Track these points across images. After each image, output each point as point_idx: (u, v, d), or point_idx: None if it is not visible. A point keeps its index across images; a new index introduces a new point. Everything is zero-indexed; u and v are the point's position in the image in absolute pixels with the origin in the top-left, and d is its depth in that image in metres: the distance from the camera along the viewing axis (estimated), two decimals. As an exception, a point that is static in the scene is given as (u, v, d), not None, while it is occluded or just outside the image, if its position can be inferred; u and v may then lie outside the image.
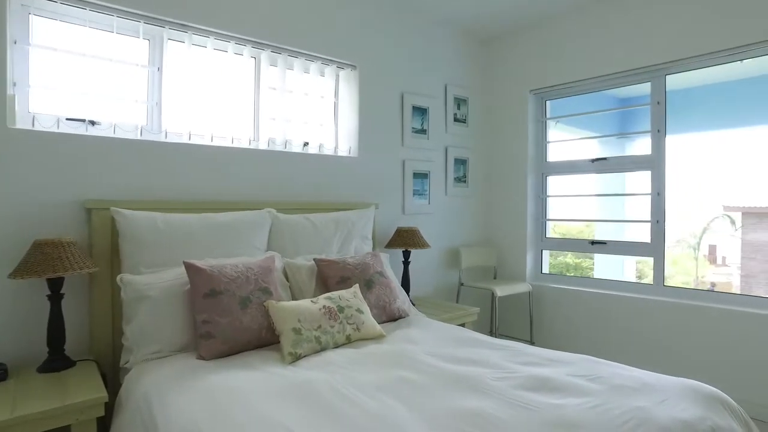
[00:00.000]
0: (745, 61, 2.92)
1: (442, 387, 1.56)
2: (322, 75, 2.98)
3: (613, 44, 3.25)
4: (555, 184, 3.89)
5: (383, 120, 3.30)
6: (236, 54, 2.59)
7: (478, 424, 1.28)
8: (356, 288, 2.33)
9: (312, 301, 2.14)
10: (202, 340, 1.88)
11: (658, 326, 3.03)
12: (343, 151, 3.10)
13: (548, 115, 3.86)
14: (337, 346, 2.05)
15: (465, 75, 3.90)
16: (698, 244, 7.75)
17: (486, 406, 1.37)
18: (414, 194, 3.51)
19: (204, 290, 1.94)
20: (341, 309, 2.14)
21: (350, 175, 3.10)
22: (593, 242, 3.55)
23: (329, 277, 2.40)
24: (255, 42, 2.64)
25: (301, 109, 2.85)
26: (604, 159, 3.48)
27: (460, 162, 3.84)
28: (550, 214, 3.92)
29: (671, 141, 3.24)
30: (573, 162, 3.69)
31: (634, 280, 6.47)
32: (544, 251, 3.88)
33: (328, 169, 2.98)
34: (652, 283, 3.21)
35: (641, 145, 4.73)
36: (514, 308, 3.79)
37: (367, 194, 3.20)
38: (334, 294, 2.22)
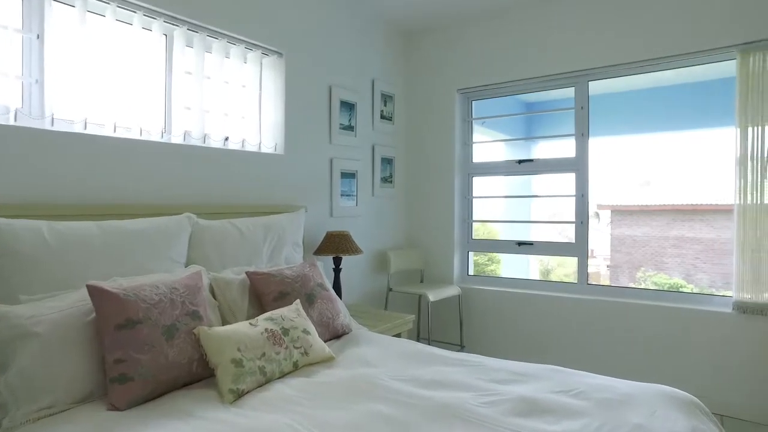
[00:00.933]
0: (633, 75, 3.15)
1: (428, 421, 1.36)
2: (245, 62, 2.62)
3: (540, 48, 3.31)
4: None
5: (311, 114, 3.01)
6: (145, 29, 2.14)
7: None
8: (298, 304, 2.04)
9: (251, 323, 1.81)
10: (116, 384, 1.47)
11: (583, 322, 3.14)
12: (268, 148, 2.76)
13: (473, 116, 3.85)
14: (282, 375, 1.76)
15: (392, 71, 3.74)
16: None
17: None
18: (341, 195, 3.27)
19: (117, 320, 1.53)
20: (286, 331, 1.84)
21: (276, 175, 2.78)
22: (520, 243, 3.61)
23: (265, 293, 2.08)
24: (168, 16, 2.21)
25: (221, 98, 2.47)
26: (531, 161, 3.54)
27: (387, 161, 3.68)
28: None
29: (565, 144, 3.43)
30: (499, 163, 3.72)
31: (538, 278, 6.83)
32: (470, 252, 3.87)
33: (252, 167, 2.63)
34: (576, 281, 3.33)
35: (545, 148, 4.98)
36: (441, 312, 3.72)
37: (294, 195, 2.90)
38: (275, 313, 1.91)
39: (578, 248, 3.32)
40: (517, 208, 5.69)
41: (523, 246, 3.60)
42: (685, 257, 12.00)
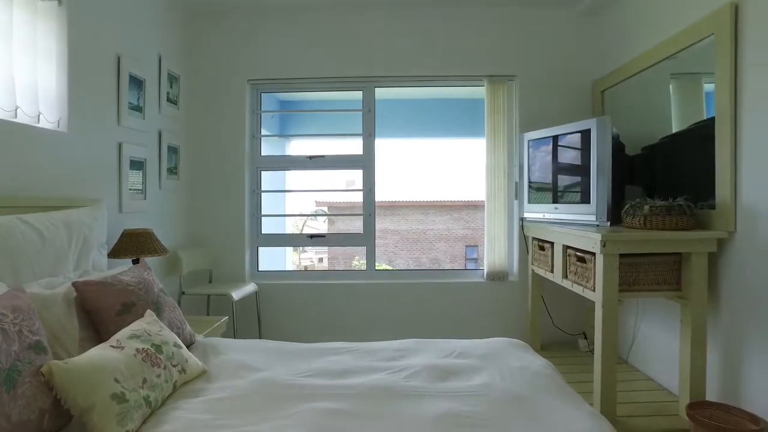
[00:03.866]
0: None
1: (376, 405, 1.39)
2: (12, 3, 1.92)
3: (333, 50, 3.50)
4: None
5: (97, 86, 2.43)
6: None
7: (474, 423, 1.26)
8: (152, 315, 1.69)
9: (112, 346, 1.43)
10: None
11: (374, 302, 3.53)
12: (50, 123, 2.10)
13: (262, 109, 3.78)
14: (164, 401, 1.46)
15: (180, 49, 3.32)
16: (301, 232, 9.50)
17: (453, 407, 1.35)
18: (129, 188, 2.74)
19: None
20: (159, 348, 1.52)
21: (60, 158, 2.14)
22: (312, 236, 3.75)
23: (103, 307, 1.63)
24: None
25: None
26: (322, 156, 3.71)
27: (172, 150, 3.26)
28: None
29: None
30: (290, 157, 3.77)
31: (292, 268, 7.14)
32: (260, 248, 3.79)
33: (31, 145, 1.96)
34: (365, 268, 3.70)
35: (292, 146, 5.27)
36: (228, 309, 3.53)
37: (81, 186, 2.29)
38: (137, 329, 1.55)
39: (366, 238, 3.69)
40: (272, 202, 5.83)
41: (315, 238, 3.77)
42: (387, 246, 14.38)
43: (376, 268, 3.69)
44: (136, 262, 2.51)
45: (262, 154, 3.71)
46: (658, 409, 2.36)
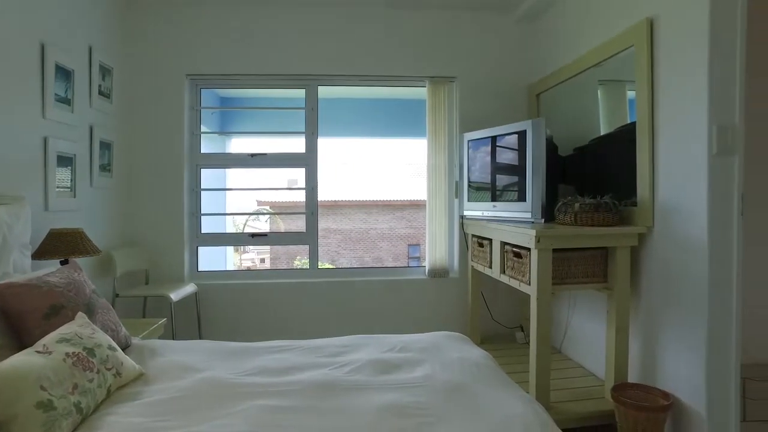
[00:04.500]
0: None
1: (317, 400, 1.40)
2: None
3: (275, 47, 3.46)
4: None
5: (17, 75, 2.26)
6: None
7: (416, 412, 1.30)
8: (84, 318, 1.61)
9: (38, 351, 1.35)
10: None
11: (318, 301, 3.52)
12: (-36, 114, 1.94)
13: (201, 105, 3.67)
14: (97, 407, 1.40)
15: (113, 40, 3.15)
16: (242, 231, 9.36)
17: (396, 398, 1.38)
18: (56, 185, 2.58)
19: None
20: (91, 352, 1.46)
21: (-25, 153, 1.99)
22: (253, 235, 3.69)
23: (28, 310, 1.53)
24: None
25: None
26: (264, 154, 3.65)
27: (105, 146, 3.09)
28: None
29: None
30: (230, 155, 3.68)
31: (233, 269, 6.97)
32: (200, 248, 3.68)
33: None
34: (308, 267, 3.68)
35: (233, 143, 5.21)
36: (167, 311, 3.41)
37: (0, 182, 2.13)
38: (67, 332, 1.47)
39: (309, 237, 3.67)
40: (212, 200, 5.69)
41: (257, 237, 3.71)
42: (329, 245, 14.33)
43: (319, 267, 3.68)
44: (65, 263, 2.37)
45: (202, 151, 3.60)
46: (587, 393, 2.53)
